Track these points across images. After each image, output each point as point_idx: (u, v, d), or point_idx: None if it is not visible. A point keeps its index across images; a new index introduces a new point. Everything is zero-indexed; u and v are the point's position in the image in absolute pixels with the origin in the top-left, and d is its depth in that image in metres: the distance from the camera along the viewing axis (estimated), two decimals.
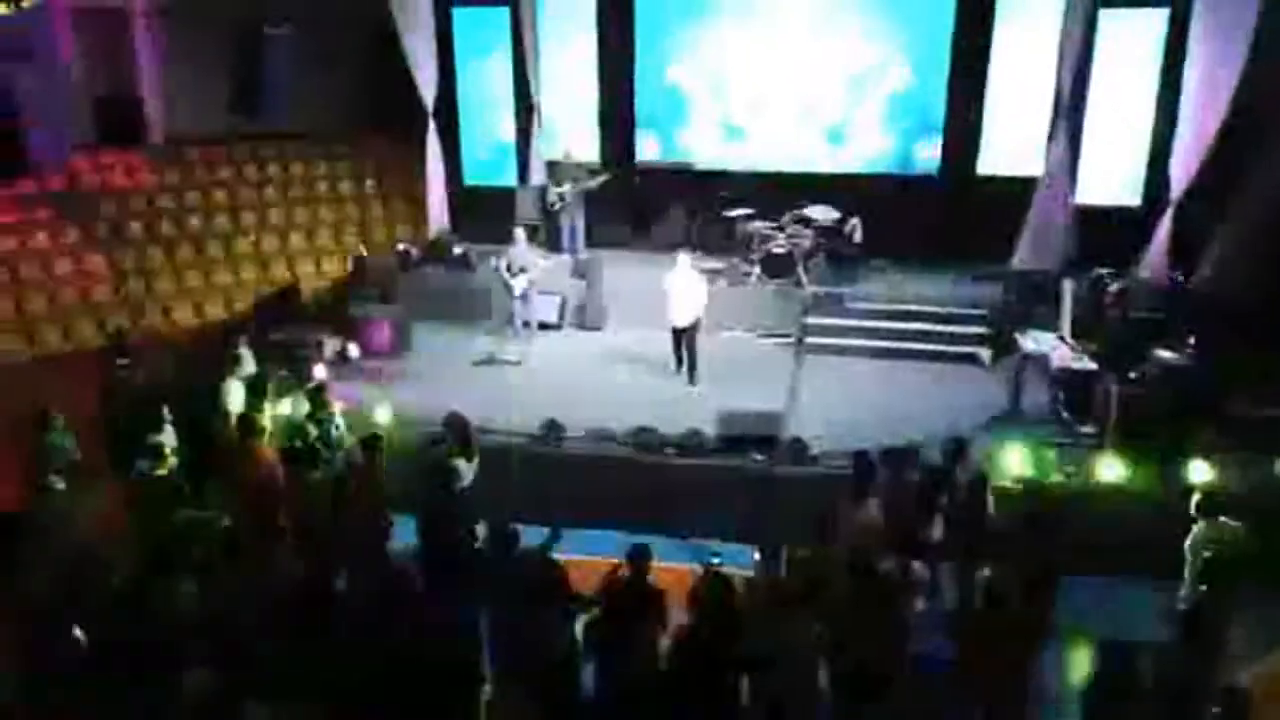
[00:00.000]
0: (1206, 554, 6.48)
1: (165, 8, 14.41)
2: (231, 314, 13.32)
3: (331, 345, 10.79)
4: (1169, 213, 12.00)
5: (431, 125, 13.52)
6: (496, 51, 13.45)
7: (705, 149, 13.67)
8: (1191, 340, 9.59)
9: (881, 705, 5.25)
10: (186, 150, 15.13)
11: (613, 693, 5.59)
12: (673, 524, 8.33)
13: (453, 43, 13.50)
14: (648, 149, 13.83)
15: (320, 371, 9.80)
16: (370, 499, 7.08)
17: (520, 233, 11.31)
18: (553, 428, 9.12)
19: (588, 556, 6.64)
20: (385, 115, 15.06)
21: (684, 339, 10.52)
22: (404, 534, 7.01)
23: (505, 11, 13.19)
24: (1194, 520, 6.80)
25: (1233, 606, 6.24)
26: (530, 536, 6.14)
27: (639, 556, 5.81)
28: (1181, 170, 11.92)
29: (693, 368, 10.48)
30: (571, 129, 13.50)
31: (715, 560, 6.09)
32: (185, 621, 5.63)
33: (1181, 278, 11.72)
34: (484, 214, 13.71)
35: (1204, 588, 6.31)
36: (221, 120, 14.86)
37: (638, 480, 8.81)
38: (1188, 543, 6.78)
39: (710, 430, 8.99)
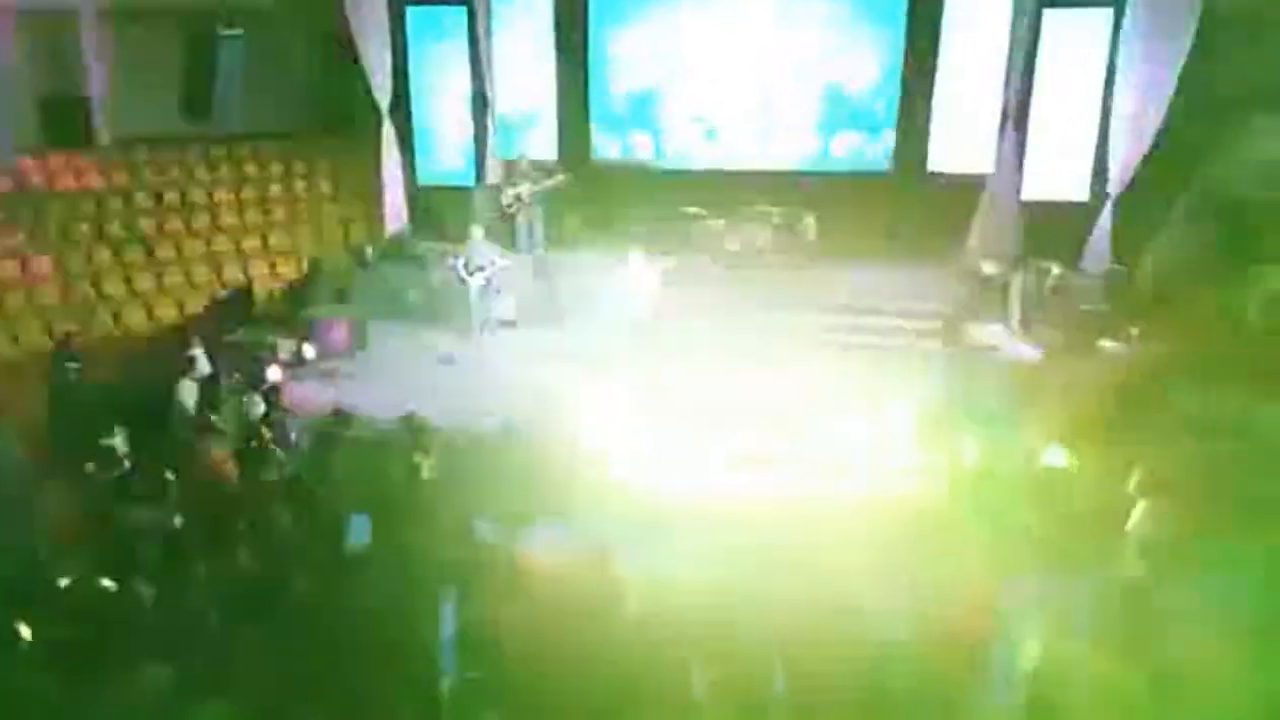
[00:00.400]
0: (1150, 532, 6.67)
1: (112, 8, 14.19)
2: (184, 316, 13.14)
3: (287, 346, 10.72)
4: (1109, 207, 12.34)
5: (387, 125, 13.48)
6: (452, 51, 13.41)
7: (663, 148, 13.75)
8: (1135, 331, 9.88)
9: None
10: (135, 151, 14.91)
11: None
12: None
13: (407, 42, 13.43)
14: (605, 148, 13.87)
15: (275, 373, 9.75)
16: (326, 499, 7.06)
17: (477, 231, 11.31)
18: (506, 425, 9.11)
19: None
20: (339, 116, 14.98)
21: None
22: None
23: (462, 11, 13.17)
24: (1136, 501, 7.01)
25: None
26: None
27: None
28: (1122, 166, 12.26)
29: None
30: (528, 129, 13.52)
31: None
32: (139, 621, 5.59)
33: (1124, 270, 12.03)
34: (439, 214, 13.70)
35: (1150, 565, 6.48)
36: (172, 121, 14.68)
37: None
38: (1130, 523, 6.99)
39: None
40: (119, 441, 8.01)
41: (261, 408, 8.48)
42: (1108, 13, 12.23)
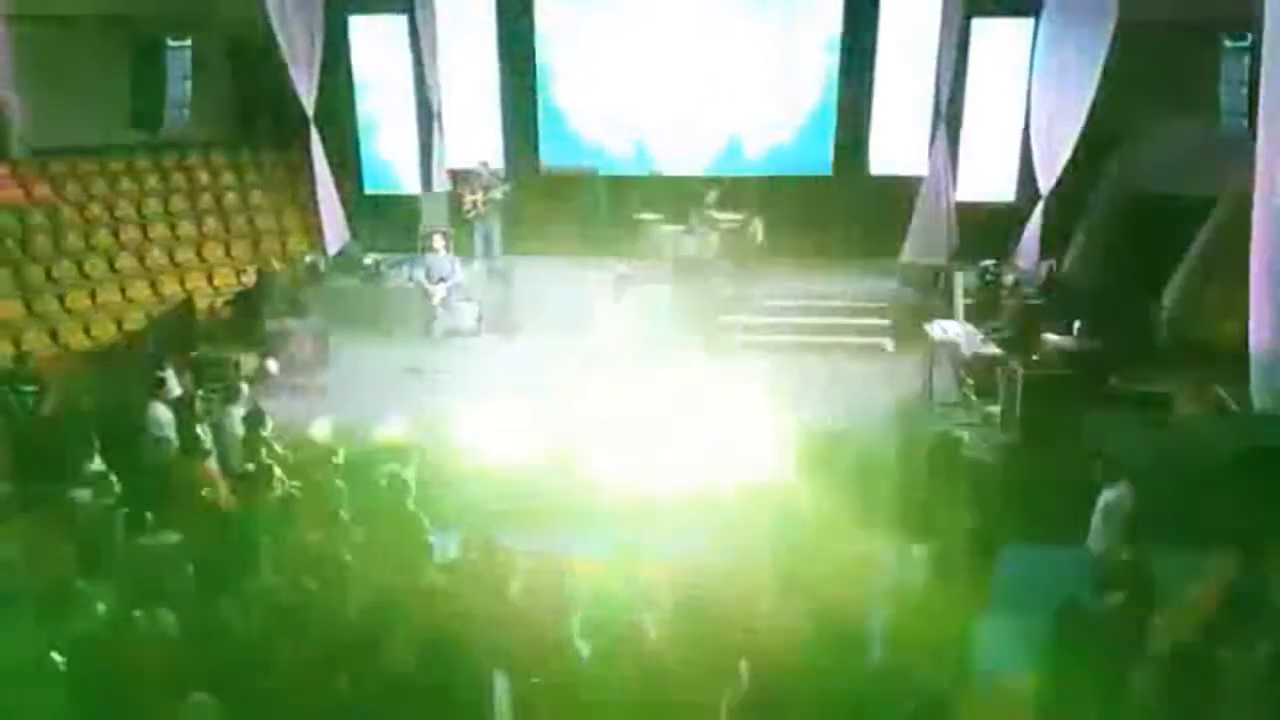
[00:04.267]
0: (1119, 516, 7.18)
1: (16, 15, 13.58)
2: (123, 334, 12.73)
3: (249, 362, 10.52)
4: (1039, 208, 13.06)
5: (314, 134, 13.26)
6: (395, 59, 13.30)
7: (610, 154, 13.91)
8: (1077, 325, 10.50)
9: None
10: (55, 164, 14.32)
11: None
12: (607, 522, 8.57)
13: (349, 50, 13.26)
14: (552, 156, 13.96)
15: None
16: (329, 515, 7.04)
17: (440, 240, 11.32)
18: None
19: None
20: (271, 124, 14.69)
21: None
22: None
23: (403, 19, 13.07)
24: (1100, 488, 7.53)
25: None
26: None
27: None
28: (1047, 167, 12.99)
29: None
30: (474, 135, 13.51)
31: None
32: (172, 651, 5.53)
33: (1054, 267, 12.75)
34: (386, 222, 13.60)
35: (1124, 547, 6.98)
36: (93, 132, 14.13)
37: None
38: (1098, 509, 7.49)
39: None
40: (96, 465, 7.84)
41: (241, 427, 8.32)
42: (1029, 22, 12.94)
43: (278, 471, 7.44)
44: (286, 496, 7.45)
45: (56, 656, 5.22)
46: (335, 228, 13.58)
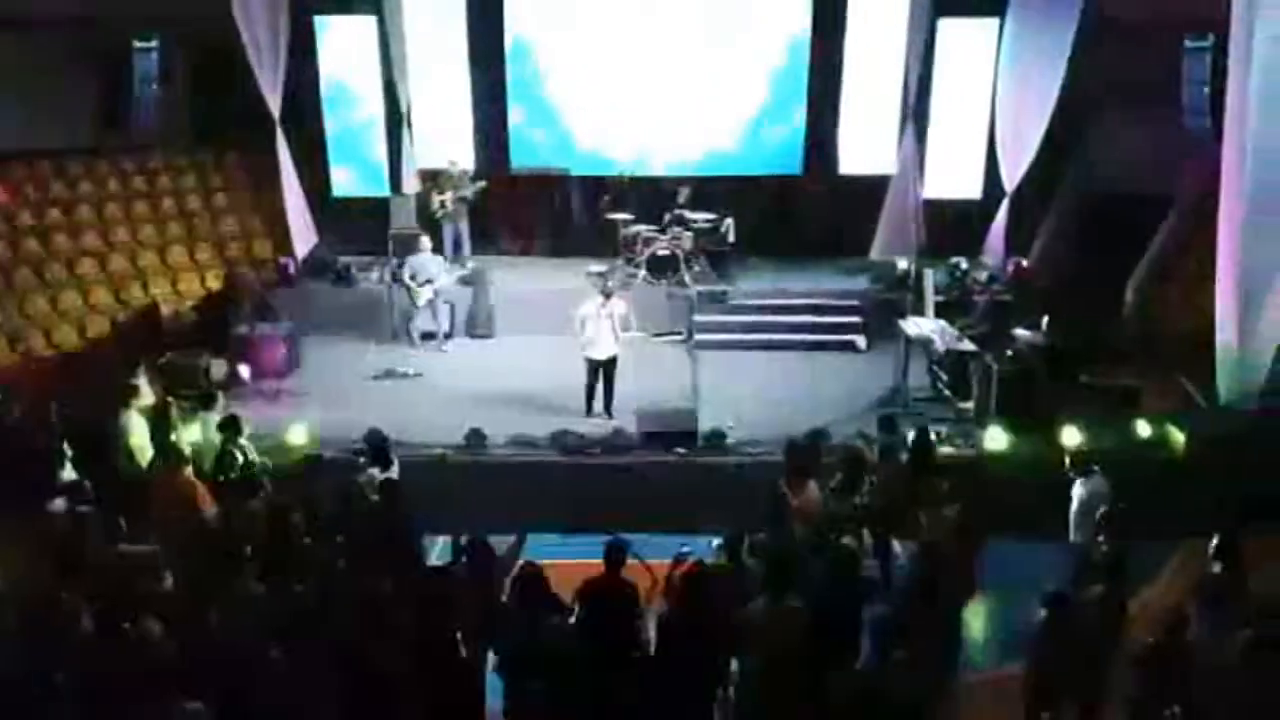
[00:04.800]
0: (1098, 509, 7.31)
1: None
2: (86, 340, 12.48)
3: (219, 367, 10.36)
4: (1005, 205, 13.27)
5: (280, 136, 13.08)
6: (363, 60, 13.15)
7: (581, 153, 13.88)
8: (1045, 319, 10.68)
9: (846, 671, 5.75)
10: (8, 168, 13.97)
11: (608, 685, 5.77)
12: (599, 523, 8.59)
13: (316, 52, 13.10)
14: (522, 156, 13.91)
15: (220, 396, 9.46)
16: (318, 521, 6.97)
17: (425, 241, 11.28)
18: (475, 437, 9.16)
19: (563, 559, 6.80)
20: (234, 127, 14.45)
21: (602, 373, 9.78)
22: None
23: (373, 20, 12.94)
24: (1072, 480, 7.67)
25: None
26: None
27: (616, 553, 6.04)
28: (1012, 166, 13.20)
29: (610, 401, 9.85)
30: (445, 136, 13.41)
31: (685, 550, 6.35)
32: (163, 657, 5.45)
33: (1022, 264, 12.96)
34: (355, 225, 13.45)
35: (1101, 538, 7.11)
36: (55, 134, 13.82)
37: (562, 482, 9.03)
38: (1074, 502, 7.64)
39: (630, 428, 9.31)
40: (69, 474, 7.71)
41: (217, 433, 8.20)
42: (995, 22, 13.12)
43: (262, 478, 7.36)
44: (274, 502, 7.39)
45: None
46: (303, 231, 13.38)
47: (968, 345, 9.91)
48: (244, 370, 10.40)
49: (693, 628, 5.73)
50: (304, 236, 13.44)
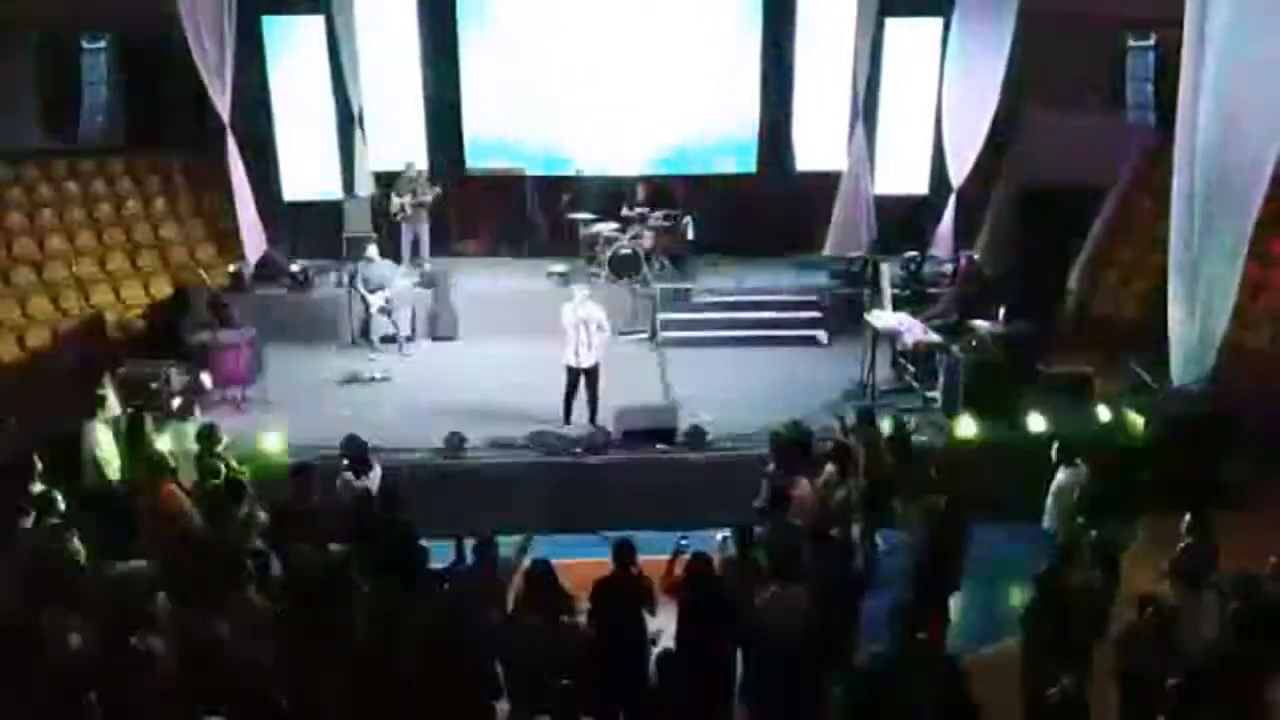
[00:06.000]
0: (1079, 494, 7.58)
1: None
2: (26, 351, 11.99)
3: (179, 376, 10.05)
4: (952, 200, 13.64)
5: (230, 140, 12.75)
6: (312, 61, 12.90)
7: (536, 154, 13.80)
8: (1002, 311, 10.97)
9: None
10: None
11: (620, 681, 5.79)
12: (585, 521, 8.63)
13: (263, 53, 12.80)
14: (478, 157, 13.78)
15: (177, 403, 9.23)
16: (311, 529, 6.84)
17: (373, 249, 11.12)
18: (454, 440, 9.08)
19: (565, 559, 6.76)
20: (175, 130, 14.04)
21: (584, 382, 9.57)
22: None
23: (320, 20, 12.70)
24: (1055, 467, 7.92)
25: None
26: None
27: (625, 551, 6.07)
28: (958, 162, 13.57)
29: (594, 409, 9.60)
30: (397, 138, 13.22)
31: (684, 543, 6.39)
32: (167, 674, 5.31)
33: (973, 257, 13.29)
34: (309, 229, 13.21)
35: (1082, 522, 7.38)
36: None
37: (544, 482, 9.00)
38: (1054, 488, 7.88)
39: (610, 427, 9.33)
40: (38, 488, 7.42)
41: (193, 443, 7.99)
42: (939, 21, 13.47)
43: (248, 488, 7.19)
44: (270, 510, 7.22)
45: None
46: (254, 236, 13.06)
47: (934, 337, 10.13)
48: (205, 378, 10.09)
49: (707, 620, 5.80)
50: (255, 242, 13.14)
